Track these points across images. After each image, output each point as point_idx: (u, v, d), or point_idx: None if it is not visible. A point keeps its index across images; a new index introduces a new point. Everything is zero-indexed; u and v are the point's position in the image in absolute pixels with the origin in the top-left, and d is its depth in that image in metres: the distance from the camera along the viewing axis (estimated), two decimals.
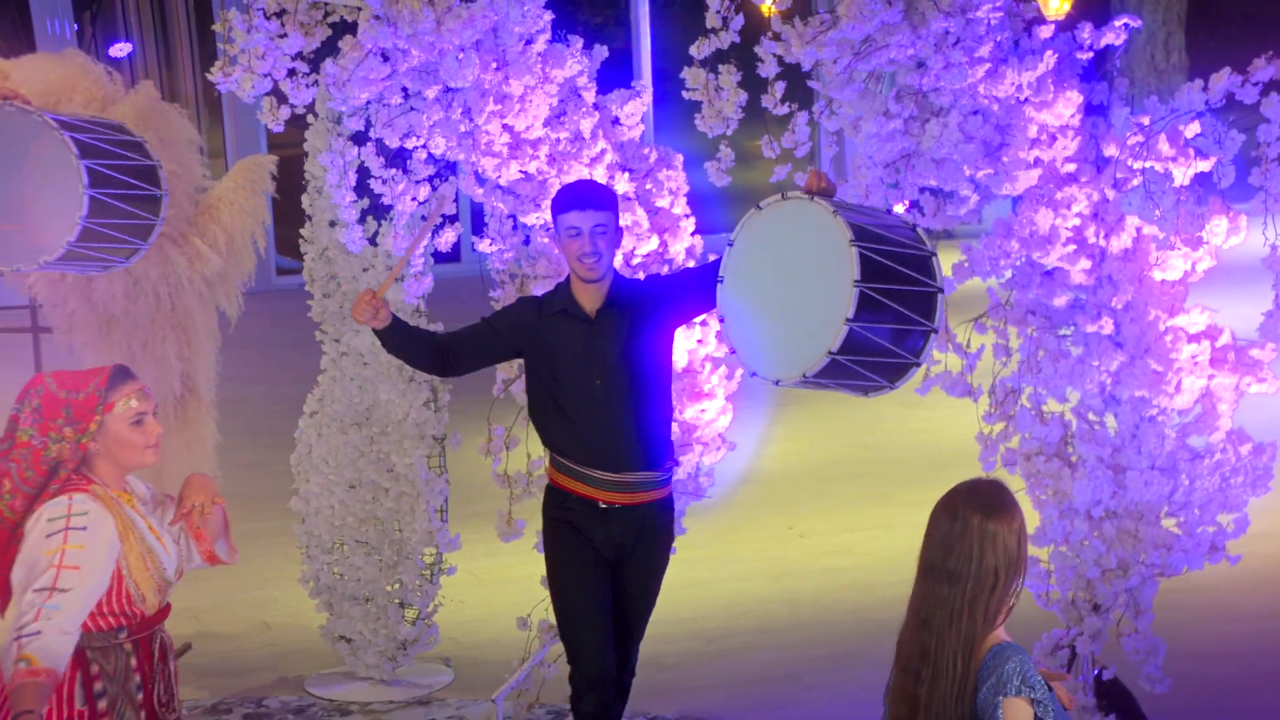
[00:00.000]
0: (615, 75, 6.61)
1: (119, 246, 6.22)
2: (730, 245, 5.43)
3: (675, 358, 6.52)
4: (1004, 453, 6.02)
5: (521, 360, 6.68)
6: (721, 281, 5.43)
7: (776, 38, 5.78)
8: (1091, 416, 5.87)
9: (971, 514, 4.00)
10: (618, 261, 6.50)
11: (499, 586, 7.43)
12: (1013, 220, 5.82)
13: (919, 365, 5.30)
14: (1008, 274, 5.92)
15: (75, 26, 14.18)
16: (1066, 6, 17.65)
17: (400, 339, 5.75)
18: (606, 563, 5.76)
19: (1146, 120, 5.58)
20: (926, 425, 10.57)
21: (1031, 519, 6.02)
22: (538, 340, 5.76)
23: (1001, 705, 3.90)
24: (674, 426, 6.55)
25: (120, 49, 14.53)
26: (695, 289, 5.73)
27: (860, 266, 4.94)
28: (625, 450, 5.68)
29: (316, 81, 6.31)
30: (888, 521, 9.29)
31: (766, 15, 5.86)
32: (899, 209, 5.85)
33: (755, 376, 5.38)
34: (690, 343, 6.46)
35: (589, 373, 5.67)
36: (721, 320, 5.49)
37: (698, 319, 6.16)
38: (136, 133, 6.41)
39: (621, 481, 5.68)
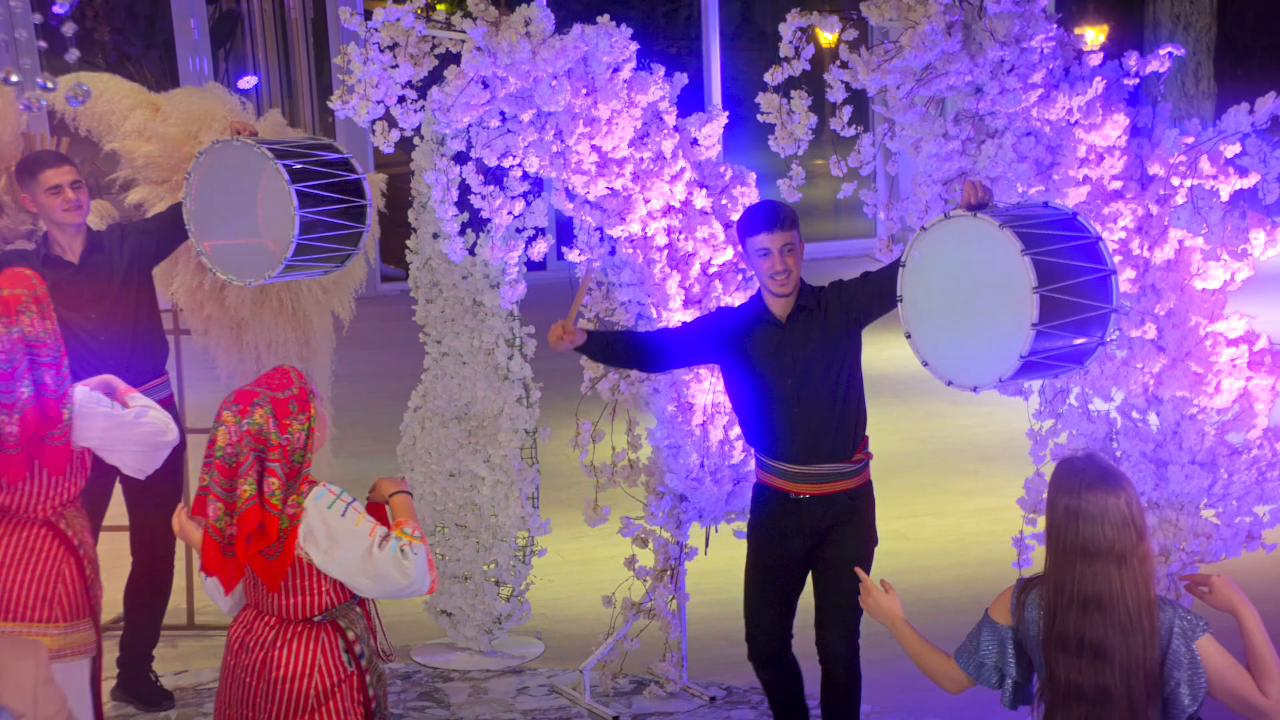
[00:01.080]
0: (688, 100, 6.58)
1: (333, 253, 6.30)
2: (903, 266, 5.30)
3: None
4: (1053, 447, 5.95)
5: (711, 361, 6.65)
6: (901, 300, 5.32)
7: (844, 66, 5.73)
8: (1135, 414, 5.79)
9: (1120, 489, 3.89)
10: (694, 270, 6.48)
11: (585, 567, 7.41)
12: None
13: (1104, 345, 5.19)
14: None
15: (211, 63, 14.33)
16: (1101, 38, 17.52)
17: (598, 349, 5.81)
18: (796, 552, 5.72)
19: (1190, 140, 5.50)
20: (974, 421, 10.49)
21: None
22: (737, 346, 5.72)
23: (1197, 649, 3.84)
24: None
25: (247, 81, 14.69)
26: (876, 293, 5.62)
27: (1036, 273, 4.84)
28: (813, 444, 5.61)
29: (423, 107, 6.32)
30: (940, 509, 9.21)
31: (825, 47, 5.83)
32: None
33: (951, 385, 5.27)
34: None
35: (781, 374, 5.61)
36: (908, 336, 5.34)
37: None
38: (344, 150, 6.48)
39: (811, 473, 5.63)
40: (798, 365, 5.62)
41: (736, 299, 6.40)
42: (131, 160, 7.17)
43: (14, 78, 6.71)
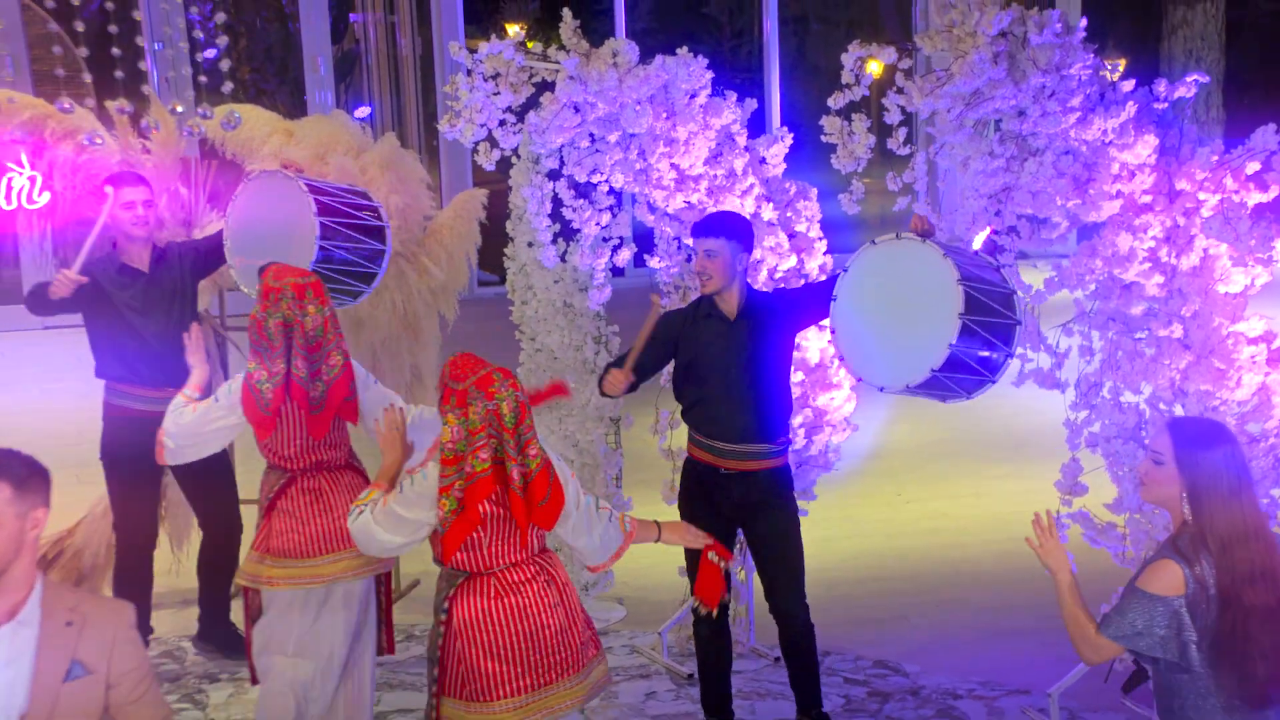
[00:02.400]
0: (752, 125, 6.54)
1: (346, 287, 6.20)
2: (845, 271, 5.36)
3: (809, 355, 6.44)
4: (1087, 436, 5.86)
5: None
6: (835, 300, 5.35)
7: (900, 91, 5.67)
8: (1162, 406, 5.69)
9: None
10: (762, 276, 6.44)
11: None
12: (1097, 242, 5.68)
13: (994, 382, 5.19)
14: (1091, 287, 5.78)
15: (334, 95, 14.50)
16: (1119, 70, 17.30)
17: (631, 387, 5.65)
18: (728, 519, 5.63)
19: (1215, 158, 5.40)
20: (1006, 411, 10.31)
21: (1110, 491, 5.91)
22: (688, 338, 5.64)
23: None
24: (807, 411, 6.46)
25: (362, 111, 14.88)
26: (812, 303, 5.59)
27: (965, 301, 4.89)
28: (745, 426, 5.54)
29: (521, 129, 6.34)
30: (977, 490, 9.12)
31: (876, 77, 5.76)
32: (980, 238, 5.71)
33: (861, 382, 5.31)
34: (822, 342, 6.37)
35: (725, 363, 5.54)
36: (833, 332, 5.39)
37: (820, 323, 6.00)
38: (375, 198, 6.44)
39: (740, 451, 5.57)
40: (742, 356, 5.52)
41: None
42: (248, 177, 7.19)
43: (179, 108, 6.79)
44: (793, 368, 5.95)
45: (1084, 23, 5.51)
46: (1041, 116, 5.52)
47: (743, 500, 5.60)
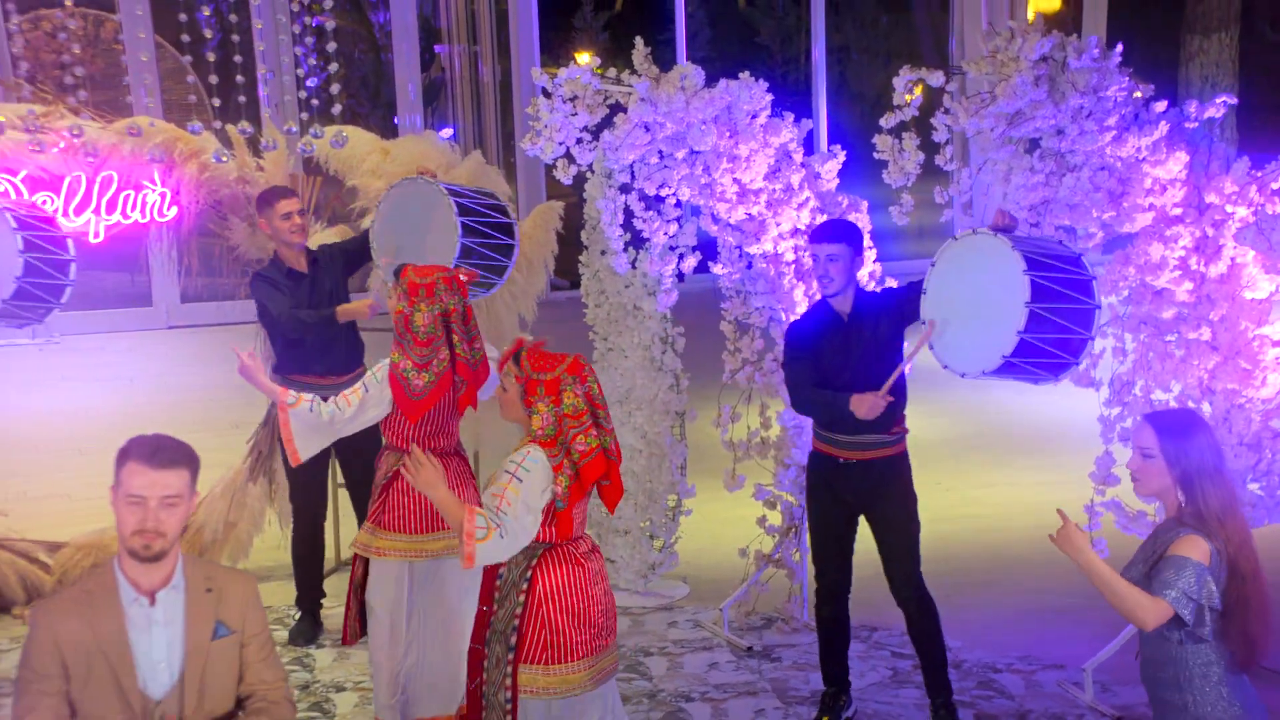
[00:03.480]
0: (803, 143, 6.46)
1: (480, 281, 6.14)
2: (933, 265, 5.12)
3: None
4: (1119, 430, 5.72)
5: (742, 353, 6.57)
6: (925, 293, 5.13)
7: (947, 112, 5.56)
8: (1190, 403, 5.55)
9: None
10: (814, 283, 6.35)
11: (724, 525, 7.29)
12: (1130, 251, 5.55)
13: (1076, 364, 4.96)
14: (1125, 292, 5.65)
15: (422, 119, 14.57)
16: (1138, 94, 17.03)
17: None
18: (849, 506, 5.50)
19: (1256, 173, 5.27)
20: (1034, 407, 10.19)
21: None
22: (812, 341, 5.46)
23: None
24: None
25: (446, 132, 14.89)
26: (913, 300, 5.32)
27: (1031, 291, 4.69)
28: (860, 419, 5.33)
29: (596, 147, 6.28)
30: (1010, 480, 8.96)
31: (908, 101, 5.66)
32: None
33: (946, 369, 5.06)
34: None
35: (841, 360, 5.39)
36: (923, 323, 5.16)
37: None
38: (503, 200, 6.40)
39: (857, 442, 5.42)
40: (857, 353, 5.38)
41: None
42: (367, 193, 7.20)
43: (292, 127, 6.81)
44: None
45: (1120, 48, 5.38)
46: (1079, 135, 5.40)
47: (861, 488, 5.46)
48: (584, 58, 17.45)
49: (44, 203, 6.65)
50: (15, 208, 6.17)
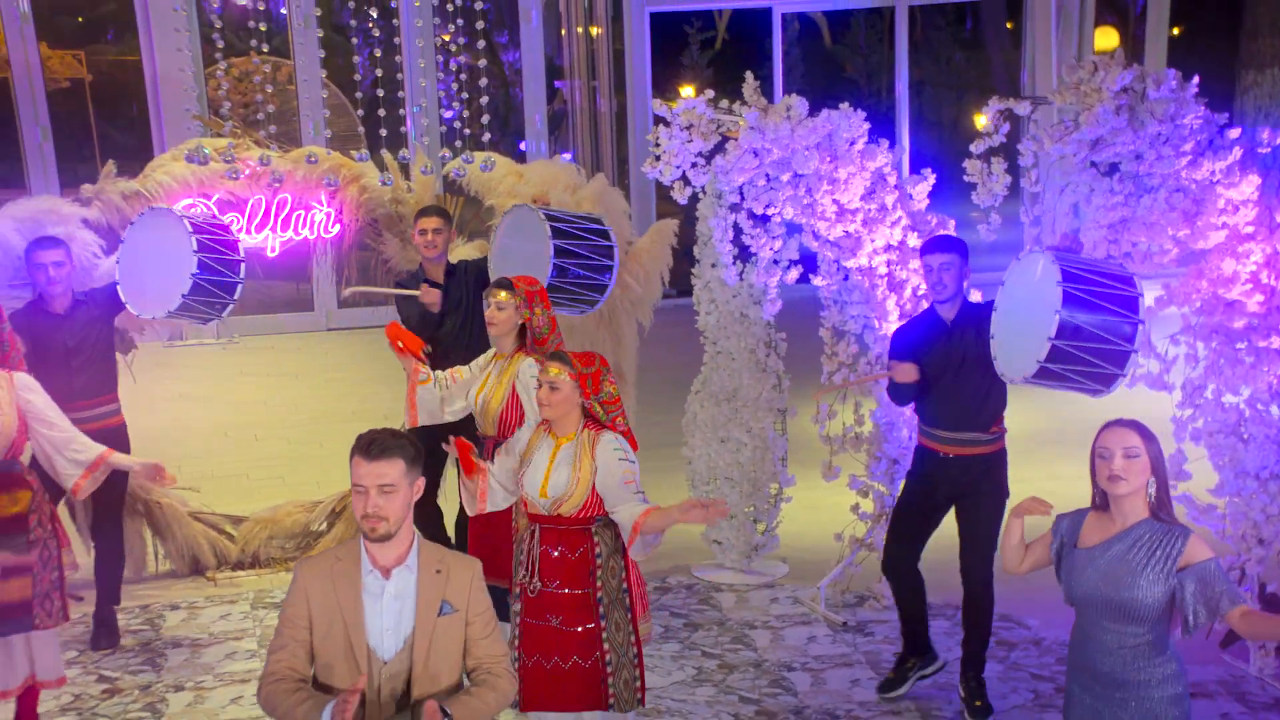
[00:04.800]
0: None
1: (580, 298, 6.14)
2: (1003, 284, 4.98)
3: None
4: (1192, 430, 5.50)
5: (839, 357, 6.42)
6: (995, 310, 4.99)
7: (1034, 139, 5.38)
8: (1259, 406, 5.31)
9: None
10: (906, 293, 6.19)
11: (820, 511, 7.15)
12: (1203, 265, 5.33)
13: (1123, 376, 4.75)
14: (1198, 304, 5.42)
15: (547, 145, 14.60)
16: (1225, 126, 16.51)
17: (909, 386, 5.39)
18: (943, 496, 5.34)
19: None
20: (1103, 404, 9.84)
21: (1212, 478, 5.54)
22: (916, 344, 5.35)
23: None
24: None
25: (563, 157, 14.88)
26: None
27: (1063, 299, 4.50)
28: (960, 416, 5.24)
29: (709, 170, 6.19)
30: (1081, 473, 8.63)
31: (980, 129, 5.48)
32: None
33: (1002, 375, 4.95)
34: None
35: (945, 363, 5.25)
36: (992, 336, 5.04)
37: None
38: (605, 221, 6.32)
39: (958, 438, 5.27)
40: (960, 356, 5.22)
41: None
42: (502, 211, 7.16)
43: (447, 154, 6.83)
44: None
45: (1196, 79, 5.15)
46: (1157, 159, 5.19)
47: (959, 481, 5.30)
48: (687, 90, 17.29)
49: (231, 222, 6.75)
50: (191, 214, 6.23)
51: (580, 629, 4.26)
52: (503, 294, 5.16)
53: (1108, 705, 3.61)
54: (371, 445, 3.22)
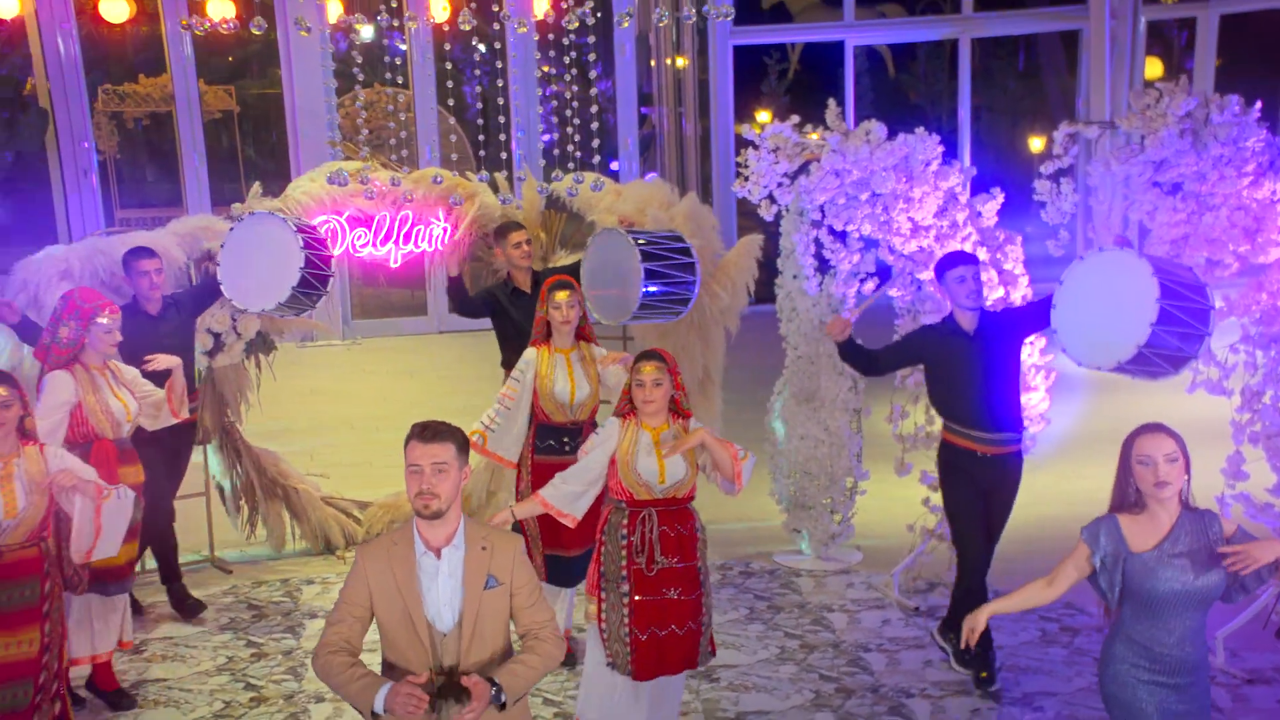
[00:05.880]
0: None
1: (667, 309, 6.10)
2: (1060, 284, 4.83)
3: None
4: (1250, 433, 5.31)
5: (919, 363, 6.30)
6: (1055, 307, 4.83)
7: (1106, 164, 5.23)
8: None
9: None
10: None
11: (893, 503, 7.05)
12: (1263, 278, 5.13)
13: (1195, 357, 4.60)
14: (1257, 314, 5.22)
15: (638, 166, 14.61)
16: None
17: (849, 349, 5.41)
18: (981, 489, 5.26)
19: None
20: (1153, 406, 9.53)
21: (1269, 478, 5.34)
22: (936, 351, 5.31)
23: None
24: None
25: (650, 176, 14.83)
26: (1033, 315, 5.13)
27: (1160, 290, 4.39)
28: (993, 419, 5.16)
29: (793, 189, 6.12)
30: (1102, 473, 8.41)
31: (1036, 152, 5.32)
32: None
33: (1082, 365, 4.75)
34: (1022, 354, 5.94)
35: (972, 369, 5.18)
36: (1055, 332, 4.86)
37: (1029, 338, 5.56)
38: (687, 239, 6.26)
39: (993, 439, 5.19)
40: (983, 363, 5.11)
41: None
42: (602, 226, 7.16)
43: (559, 174, 6.85)
44: None
45: (1259, 104, 4.97)
46: (1219, 180, 5.02)
47: (992, 477, 5.22)
48: (763, 115, 17.06)
49: (358, 237, 6.82)
50: (288, 217, 6.25)
51: (692, 597, 4.33)
52: (568, 294, 5.27)
53: (1183, 693, 3.49)
54: (426, 430, 3.25)
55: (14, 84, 13.25)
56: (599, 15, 6.37)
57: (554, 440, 5.40)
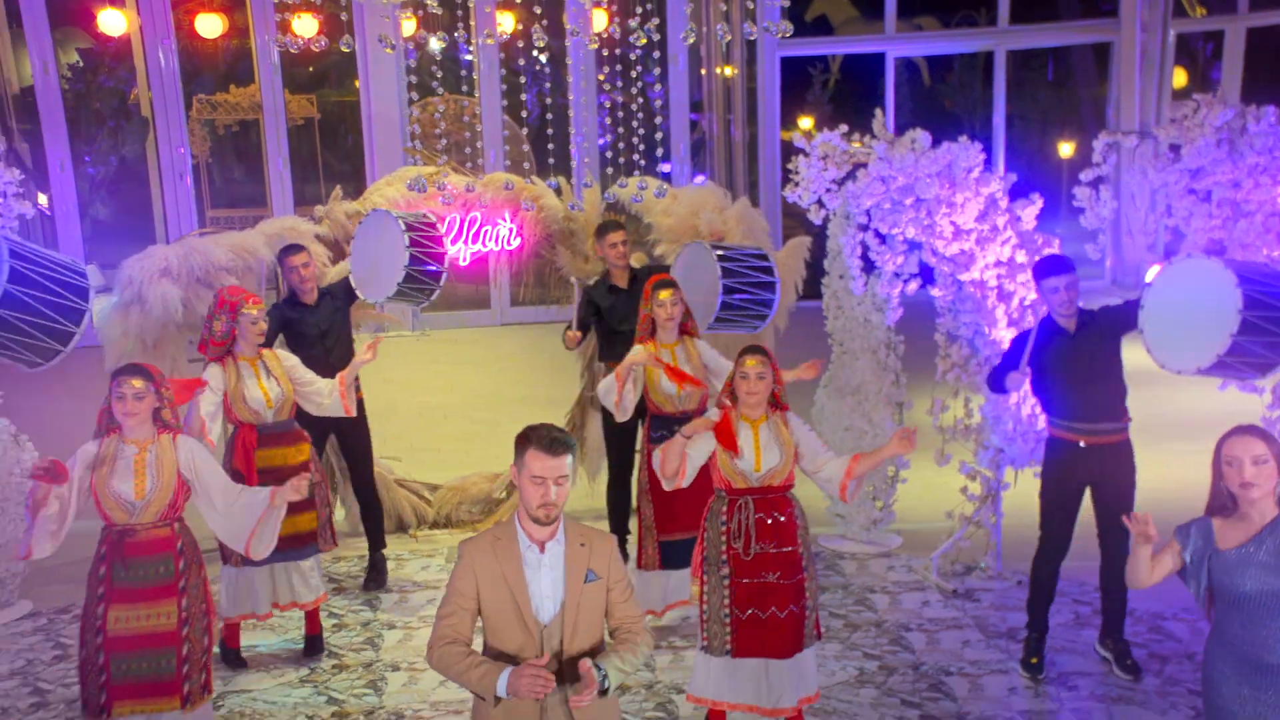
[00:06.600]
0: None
1: (747, 320, 6.12)
2: (1148, 285, 4.69)
3: None
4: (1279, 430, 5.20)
5: (951, 358, 6.26)
6: (1143, 308, 4.70)
7: (1144, 173, 5.14)
8: None
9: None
10: (1014, 303, 5.98)
11: (933, 490, 7.00)
12: None
13: (1277, 368, 4.47)
14: None
15: (689, 170, 14.58)
16: None
17: (997, 384, 5.22)
18: (1079, 480, 5.07)
19: None
20: (1188, 400, 9.39)
21: None
22: (1039, 351, 5.13)
23: None
24: None
25: (698, 180, 14.81)
26: (1125, 315, 4.92)
27: (1243, 300, 4.28)
28: (1093, 410, 4.98)
29: (840, 194, 6.08)
30: (1167, 462, 8.27)
31: (1065, 158, 5.23)
32: (1152, 272, 4.95)
33: (1165, 369, 4.62)
34: None
35: (1073, 368, 5.02)
36: (1141, 331, 4.72)
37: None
38: (770, 257, 6.25)
39: (1093, 429, 5.02)
40: (1084, 359, 4.97)
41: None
42: (658, 228, 7.17)
43: (624, 180, 6.87)
44: None
45: None
46: (1254, 188, 4.92)
47: (1095, 467, 5.03)
48: (805, 121, 16.89)
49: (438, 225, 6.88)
50: (406, 215, 6.30)
51: (793, 581, 4.28)
52: (671, 292, 5.34)
53: (1276, 698, 3.31)
54: (553, 443, 3.19)
55: (120, 95, 13.55)
56: (661, 33, 6.34)
57: (666, 431, 5.45)
